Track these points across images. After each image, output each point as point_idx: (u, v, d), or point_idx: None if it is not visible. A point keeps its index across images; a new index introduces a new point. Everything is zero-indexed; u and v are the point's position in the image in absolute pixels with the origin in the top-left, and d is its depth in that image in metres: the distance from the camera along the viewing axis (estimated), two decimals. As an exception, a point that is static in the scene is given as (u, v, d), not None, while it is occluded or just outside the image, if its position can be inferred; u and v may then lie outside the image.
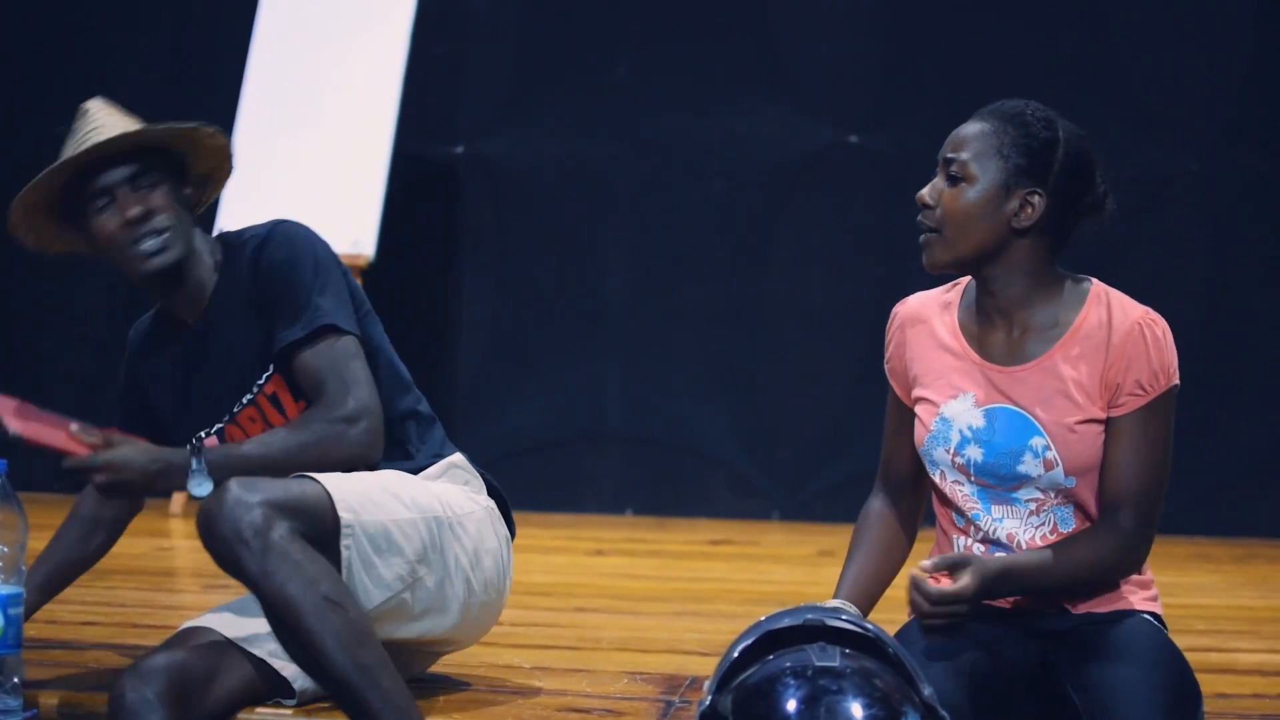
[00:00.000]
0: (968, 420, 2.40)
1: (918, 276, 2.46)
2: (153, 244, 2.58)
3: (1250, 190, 5.90)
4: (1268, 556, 5.29)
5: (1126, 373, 2.34)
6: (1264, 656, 3.38)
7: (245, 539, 2.28)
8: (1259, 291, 5.87)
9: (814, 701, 1.92)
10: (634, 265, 6.19)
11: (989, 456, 2.38)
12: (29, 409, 2.53)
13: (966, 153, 2.37)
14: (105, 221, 2.59)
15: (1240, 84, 5.90)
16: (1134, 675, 2.24)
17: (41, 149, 2.72)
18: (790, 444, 6.07)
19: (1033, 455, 2.36)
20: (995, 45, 5.94)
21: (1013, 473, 2.38)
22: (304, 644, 2.30)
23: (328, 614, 2.29)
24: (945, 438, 2.42)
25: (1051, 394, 2.37)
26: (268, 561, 2.28)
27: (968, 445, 2.40)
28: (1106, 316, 2.37)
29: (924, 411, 2.46)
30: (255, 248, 2.63)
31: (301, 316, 2.55)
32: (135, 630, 3.34)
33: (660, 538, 5.50)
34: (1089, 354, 2.36)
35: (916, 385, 2.48)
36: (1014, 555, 2.34)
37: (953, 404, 2.42)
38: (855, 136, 6.05)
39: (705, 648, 3.22)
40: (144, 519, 2.96)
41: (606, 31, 6.22)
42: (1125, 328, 2.35)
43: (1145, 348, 2.34)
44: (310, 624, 2.28)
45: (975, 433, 2.40)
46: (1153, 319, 2.36)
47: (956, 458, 2.41)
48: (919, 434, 2.46)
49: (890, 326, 2.56)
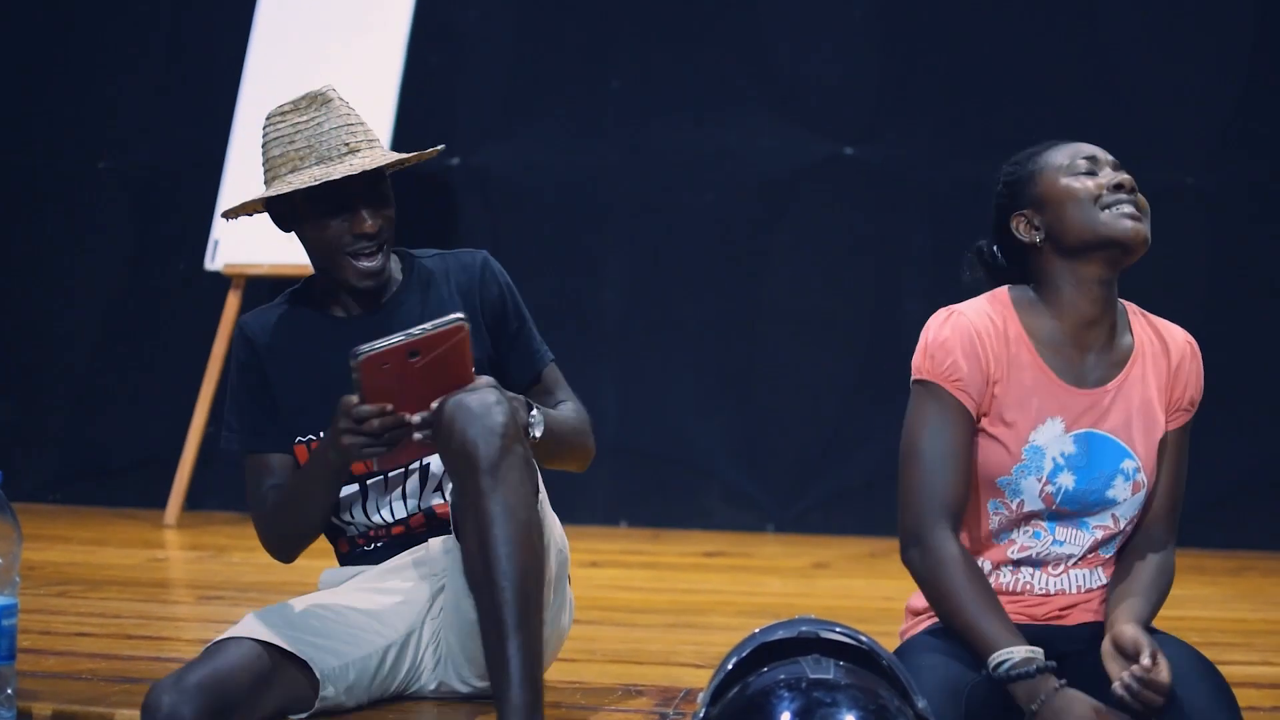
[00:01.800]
0: (1060, 448, 2.35)
1: (914, 288, 2.46)
2: (375, 264, 2.61)
3: (1247, 203, 5.92)
4: (1262, 569, 5.30)
5: (1185, 391, 2.41)
6: (1258, 669, 3.38)
7: (495, 444, 2.32)
8: (1255, 305, 5.88)
9: (808, 714, 1.92)
10: (629, 277, 6.19)
11: (1081, 484, 2.36)
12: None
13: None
14: (334, 225, 2.59)
15: (1238, 95, 5.91)
16: (1190, 688, 2.23)
17: (40, 141, 2.70)
18: (785, 456, 6.07)
19: (1124, 479, 2.37)
20: (991, 57, 5.94)
21: (1101, 498, 2.37)
22: (490, 552, 2.32)
23: (526, 546, 2.33)
24: (1038, 467, 2.35)
25: (1134, 415, 2.38)
26: (504, 467, 2.32)
27: (1060, 473, 2.36)
28: (1155, 335, 2.42)
29: (1007, 437, 2.35)
30: (468, 265, 2.73)
31: (536, 342, 2.77)
32: (129, 641, 3.33)
33: (655, 549, 5.49)
34: (1153, 372, 2.40)
35: (1003, 407, 2.36)
36: (1129, 610, 2.31)
37: (1042, 430, 2.35)
38: (850, 148, 6.06)
39: (700, 660, 3.21)
40: (137, 530, 2.96)
41: (601, 44, 6.22)
42: (1179, 346, 2.42)
43: (1198, 365, 2.42)
44: (507, 541, 2.31)
45: (1068, 460, 2.36)
46: (1191, 337, 2.45)
47: (1047, 486, 2.36)
48: (1002, 462, 2.35)
49: (946, 336, 2.37)
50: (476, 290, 2.70)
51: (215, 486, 5.98)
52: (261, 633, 2.43)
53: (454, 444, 2.33)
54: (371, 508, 2.68)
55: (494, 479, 2.31)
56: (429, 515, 2.68)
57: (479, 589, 2.33)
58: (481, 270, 2.72)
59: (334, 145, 2.56)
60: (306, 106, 2.59)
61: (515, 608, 2.29)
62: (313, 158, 2.56)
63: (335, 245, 2.59)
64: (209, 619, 3.88)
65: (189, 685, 2.29)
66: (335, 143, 2.56)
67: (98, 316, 6.45)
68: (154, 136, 6.38)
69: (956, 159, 5.82)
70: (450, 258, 2.77)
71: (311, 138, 2.57)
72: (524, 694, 2.27)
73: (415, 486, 2.68)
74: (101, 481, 6.29)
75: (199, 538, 5.36)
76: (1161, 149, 5.76)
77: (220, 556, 4.97)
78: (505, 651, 2.28)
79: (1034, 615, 2.43)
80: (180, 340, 6.18)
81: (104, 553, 4.89)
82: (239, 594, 4.10)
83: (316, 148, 2.57)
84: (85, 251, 6.46)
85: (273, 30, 5.90)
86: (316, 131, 2.57)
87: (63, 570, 4.34)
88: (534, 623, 2.32)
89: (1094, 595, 2.44)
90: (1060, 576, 2.43)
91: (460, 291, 2.70)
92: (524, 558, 2.31)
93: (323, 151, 2.56)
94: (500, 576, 2.30)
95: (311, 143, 2.57)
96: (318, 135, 2.57)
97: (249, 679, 2.37)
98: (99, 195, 6.42)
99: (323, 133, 2.57)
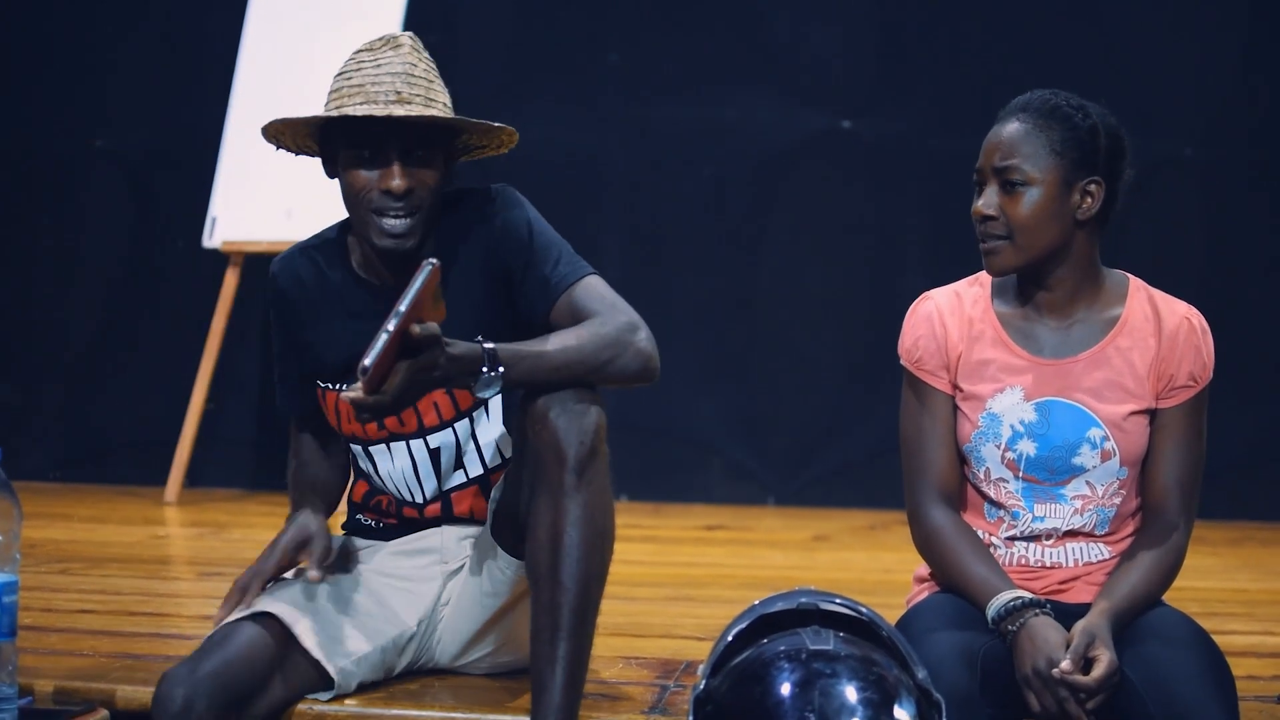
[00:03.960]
0: (1019, 415, 2.41)
1: (913, 262, 2.47)
2: (401, 225, 2.43)
3: (1242, 177, 5.90)
4: (1261, 539, 5.31)
5: (1180, 365, 2.40)
6: (1258, 638, 3.40)
7: (588, 443, 2.29)
8: (1252, 278, 5.87)
9: (808, 684, 1.92)
10: (627, 253, 6.17)
11: (1043, 450, 2.40)
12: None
13: (1018, 157, 2.36)
14: (364, 176, 2.44)
15: (1233, 70, 5.90)
16: (1178, 654, 2.26)
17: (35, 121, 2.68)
18: (785, 430, 6.07)
19: (1090, 447, 2.39)
20: (987, 32, 5.93)
21: (1067, 465, 2.40)
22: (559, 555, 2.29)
23: (597, 552, 2.31)
24: (995, 433, 2.41)
25: (1105, 385, 2.40)
26: (591, 469, 2.29)
27: (1019, 440, 2.41)
28: (1152, 310, 2.43)
29: (968, 407, 2.44)
30: (478, 208, 2.53)
31: (560, 262, 2.49)
32: (130, 618, 3.34)
33: (655, 523, 5.50)
34: (1139, 345, 2.41)
35: (960, 379, 2.45)
36: (1107, 599, 2.32)
37: (1000, 398, 2.42)
38: (848, 122, 6.04)
39: (700, 632, 3.22)
40: (138, 507, 2.96)
41: (598, 19, 6.20)
42: (1175, 321, 2.41)
43: (1197, 340, 2.41)
44: (579, 545, 2.29)
45: (1028, 427, 2.41)
46: (1196, 313, 2.44)
47: (1007, 453, 2.41)
48: (964, 430, 2.45)
49: (914, 325, 2.50)
50: (496, 257, 2.52)
51: (215, 464, 5.98)
52: (277, 614, 2.42)
53: (545, 435, 2.30)
54: (389, 476, 2.62)
55: (579, 478, 2.29)
56: (445, 505, 2.64)
57: (540, 582, 2.30)
58: (501, 233, 2.52)
59: (385, 89, 2.41)
60: (380, 47, 2.46)
61: (574, 612, 2.28)
62: (359, 97, 2.42)
63: (362, 199, 2.44)
64: (209, 595, 3.88)
65: (202, 675, 2.27)
66: (386, 87, 2.41)
67: (97, 295, 6.44)
68: (149, 115, 6.36)
69: (955, 133, 5.79)
70: (473, 211, 2.55)
71: (368, 77, 2.43)
72: (564, 698, 2.26)
73: (428, 469, 2.62)
74: (101, 459, 6.28)
75: (199, 515, 5.36)
76: (1160, 120, 5.75)
77: (220, 533, 4.97)
78: (555, 652, 2.27)
79: (1033, 589, 2.43)
80: (179, 318, 6.17)
81: (104, 530, 4.90)
82: (239, 570, 4.05)
83: (367, 88, 2.42)
84: (83, 230, 6.44)
85: (269, 7, 5.88)
86: (375, 72, 2.43)
87: (63, 548, 4.34)
88: (588, 629, 2.31)
89: (1095, 569, 2.44)
90: (1056, 549, 2.44)
91: (480, 268, 2.52)
92: (593, 563, 2.30)
93: (371, 93, 2.41)
94: (566, 576, 2.28)
95: (364, 82, 2.43)
96: (374, 76, 2.43)
97: (262, 667, 2.36)
98: (95, 175, 6.39)
99: (379, 74, 2.43)
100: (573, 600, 2.28)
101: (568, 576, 2.28)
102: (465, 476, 2.62)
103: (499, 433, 2.61)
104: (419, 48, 2.51)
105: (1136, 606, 2.34)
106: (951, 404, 2.46)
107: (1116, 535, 2.45)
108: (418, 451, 2.60)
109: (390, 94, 2.42)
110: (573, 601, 2.28)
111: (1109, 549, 2.45)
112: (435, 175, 2.47)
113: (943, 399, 2.46)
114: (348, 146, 2.45)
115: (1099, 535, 2.44)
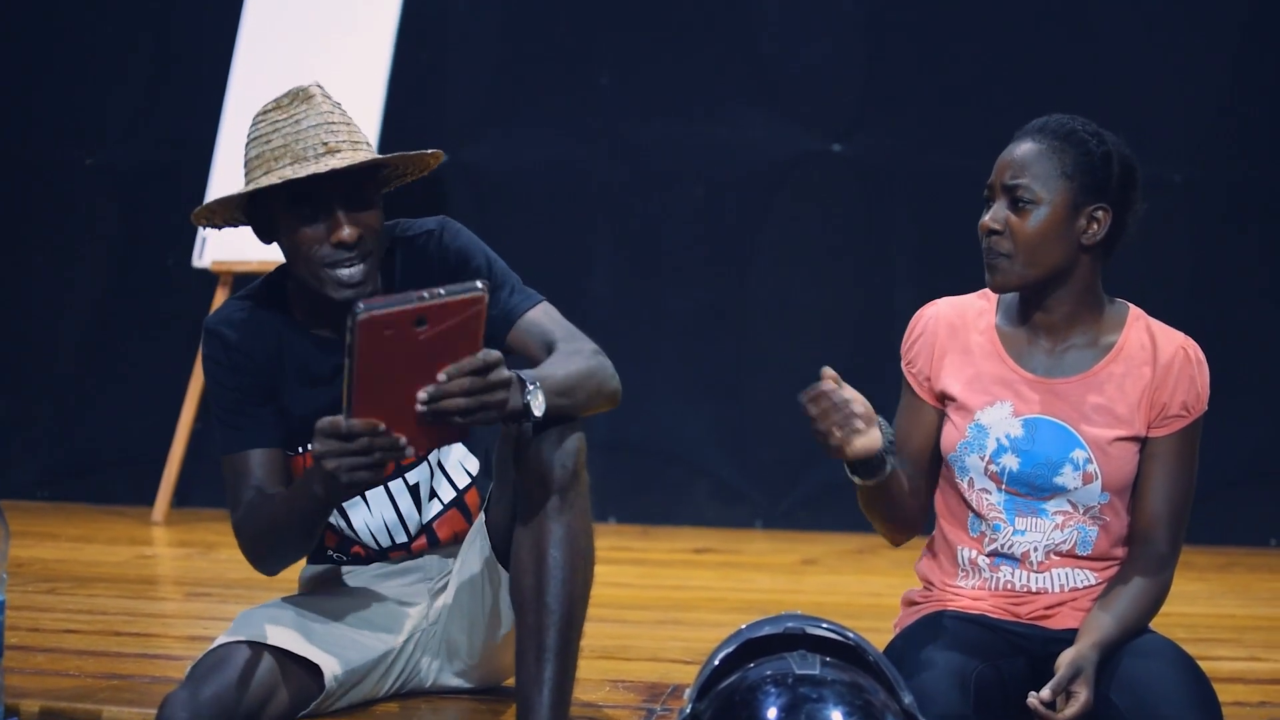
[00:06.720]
0: (1005, 429, 2.44)
1: (901, 283, 2.48)
2: (357, 272, 2.39)
3: (1232, 200, 5.92)
4: (1249, 565, 5.31)
5: (1173, 394, 2.41)
6: (1245, 664, 3.40)
7: (569, 467, 2.31)
8: (1241, 301, 5.88)
9: (794, 709, 1.92)
10: (617, 271, 6.18)
11: (1025, 466, 2.42)
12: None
13: (1028, 176, 2.39)
14: (310, 233, 2.38)
15: (1223, 93, 5.92)
16: (1164, 675, 2.28)
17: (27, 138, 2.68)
18: (773, 452, 6.06)
19: (1073, 467, 2.41)
20: (980, 52, 5.94)
21: (1049, 484, 2.42)
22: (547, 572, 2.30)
23: (581, 574, 2.32)
24: (980, 444, 2.45)
25: (1094, 409, 2.42)
26: (573, 492, 2.31)
27: (1004, 454, 2.43)
28: (1149, 339, 2.45)
29: (957, 417, 2.47)
30: (425, 243, 2.51)
31: (515, 290, 2.53)
32: (117, 638, 3.33)
33: (643, 546, 5.49)
34: (1133, 373, 2.43)
35: (947, 390, 2.49)
36: (1096, 629, 2.33)
37: (989, 411, 2.45)
38: (838, 144, 6.06)
39: (687, 656, 3.22)
40: (125, 527, 2.95)
41: (589, 38, 6.21)
42: (1171, 350, 2.43)
43: (1192, 370, 2.42)
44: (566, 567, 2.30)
45: (1013, 442, 2.43)
46: (1193, 344, 2.45)
47: (990, 465, 2.43)
48: (949, 438, 2.48)
49: (915, 327, 2.55)
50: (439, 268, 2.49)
51: (203, 483, 5.96)
52: (268, 636, 2.42)
53: (528, 458, 2.31)
54: (365, 528, 2.62)
55: (563, 501, 2.31)
56: (430, 536, 2.64)
57: (525, 605, 2.31)
58: (458, 261, 2.52)
59: (311, 144, 2.36)
60: (289, 104, 2.40)
61: (559, 633, 2.29)
62: (287, 158, 2.36)
63: (313, 256, 2.39)
64: (197, 616, 3.88)
65: (204, 700, 2.28)
66: (313, 142, 2.37)
67: (85, 313, 6.43)
68: (141, 133, 6.36)
69: (944, 153, 5.83)
70: (423, 243, 2.53)
71: (289, 136, 2.37)
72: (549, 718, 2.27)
73: (409, 505, 2.62)
74: (89, 478, 6.26)
75: (187, 534, 5.35)
76: (1149, 146, 5.74)
77: (208, 553, 4.96)
78: (542, 673, 2.28)
79: (1018, 613, 2.44)
80: (168, 337, 6.16)
81: (92, 549, 4.89)
82: (226, 590, 4.09)
83: (292, 147, 2.36)
84: (72, 248, 6.44)
85: (261, 26, 5.88)
86: (294, 130, 2.38)
87: (51, 567, 4.32)
88: (572, 650, 2.32)
89: (1081, 595, 2.44)
90: (1042, 574, 2.44)
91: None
92: (577, 585, 2.31)
93: (298, 151, 2.36)
94: (551, 598, 2.29)
95: (288, 142, 2.37)
96: (295, 134, 2.37)
97: (261, 687, 2.37)
98: (86, 192, 6.39)
99: (300, 131, 2.38)
100: (558, 621, 2.29)
101: (553, 598, 2.29)
102: (441, 504, 2.64)
103: (461, 450, 2.64)
104: (328, 94, 2.47)
105: (1125, 637, 2.36)
106: (931, 411, 2.51)
107: (1103, 561, 2.45)
108: (398, 493, 2.60)
109: (318, 147, 2.37)
110: (559, 623, 2.29)
111: (1095, 575, 2.45)
112: (377, 215, 2.44)
113: (920, 403, 2.52)
114: (287, 209, 2.39)
115: (1083, 558, 2.44)
